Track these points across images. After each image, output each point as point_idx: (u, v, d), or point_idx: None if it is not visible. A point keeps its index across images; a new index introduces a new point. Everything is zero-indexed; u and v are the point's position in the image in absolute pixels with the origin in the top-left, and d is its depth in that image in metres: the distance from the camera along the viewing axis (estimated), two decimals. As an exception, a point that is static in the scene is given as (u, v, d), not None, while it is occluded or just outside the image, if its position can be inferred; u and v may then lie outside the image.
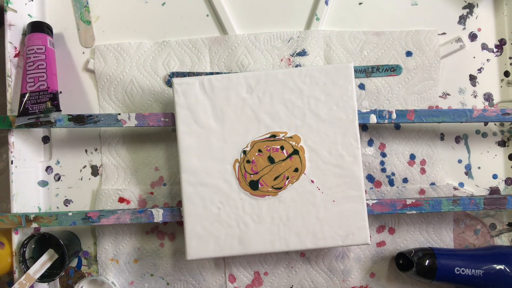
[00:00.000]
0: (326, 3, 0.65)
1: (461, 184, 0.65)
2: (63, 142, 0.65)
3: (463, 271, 0.57)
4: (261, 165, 0.57)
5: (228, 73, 0.64)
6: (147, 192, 0.64)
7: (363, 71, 0.64)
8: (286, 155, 0.57)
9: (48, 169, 0.65)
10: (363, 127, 0.64)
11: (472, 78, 0.65)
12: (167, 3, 0.66)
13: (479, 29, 0.66)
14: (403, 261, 0.61)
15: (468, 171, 0.65)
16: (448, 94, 0.65)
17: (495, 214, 0.64)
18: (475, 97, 0.65)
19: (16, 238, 0.60)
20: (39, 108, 0.58)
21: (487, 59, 0.65)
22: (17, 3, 0.62)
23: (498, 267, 0.57)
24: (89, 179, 0.65)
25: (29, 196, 0.63)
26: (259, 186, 0.56)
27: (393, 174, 0.64)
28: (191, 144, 0.56)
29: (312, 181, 0.56)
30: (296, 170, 0.57)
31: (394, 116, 0.59)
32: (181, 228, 0.64)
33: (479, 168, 0.65)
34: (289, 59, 0.64)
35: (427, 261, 0.58)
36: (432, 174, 0.64)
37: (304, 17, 0.66)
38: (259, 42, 0.65)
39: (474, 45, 0.66)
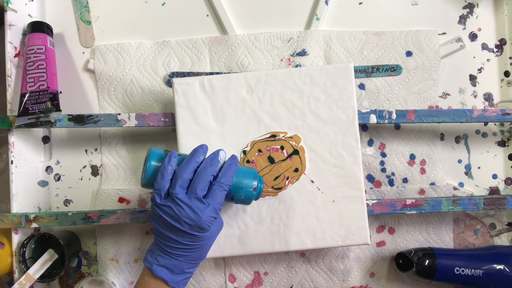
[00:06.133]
0: (326, 3, 0.65)
1: (461, 184, 0.65)
2: (63, 142, 0.65)
3: (462, 271, 0.57)
4: (261, 165, 0.57)
5: (228, 73, 0.64)
6: (147, 192, 0.64)
7: (363, 71, 0.64)
8: (286, 155, 0.57)
9: (48, 169, 0.65)
10: (363, 127, 0.64)
11: (472, 78, 0.65)
12: (167, 3, 0.66)
13: (479, 29, 0.66)
14: (403, 261, 0.61)
15: (468, 171, 0.65)
16: (448, 94, 0.65)
17: (495, 214, 0.64)
18: (475, 97, 0.65)
19: (16, 238, 0.60)
20: (39, 108, 0.58)
21: (487, 59, 0.65)
22: (17, 3, 0.62)
23: (498, 267, 0.57)
24: (89, 179, 0.65)
25: (29, 196, 0.63)
26: (259, 186, 0.56)
27: (393, 174, 0.64)
28: (191, 144, 0.56)
29: (312, 181, 0.56)
30: (296, 170, 0.57)
31: (394, 116, 0.59)
32: (181, 228, 0.64)
33: (479, 168, 0.65)
34: (289, 59, 0.64)
35: (427, 261, 0.58)
36: (432, 174, 0.64)
37: (304, 17, 0.66)
38: (259, 42, 0.64)
39: (474, 45, 0.66)
